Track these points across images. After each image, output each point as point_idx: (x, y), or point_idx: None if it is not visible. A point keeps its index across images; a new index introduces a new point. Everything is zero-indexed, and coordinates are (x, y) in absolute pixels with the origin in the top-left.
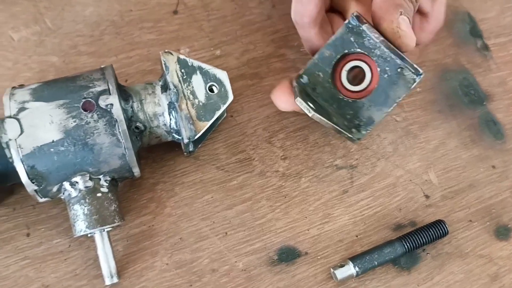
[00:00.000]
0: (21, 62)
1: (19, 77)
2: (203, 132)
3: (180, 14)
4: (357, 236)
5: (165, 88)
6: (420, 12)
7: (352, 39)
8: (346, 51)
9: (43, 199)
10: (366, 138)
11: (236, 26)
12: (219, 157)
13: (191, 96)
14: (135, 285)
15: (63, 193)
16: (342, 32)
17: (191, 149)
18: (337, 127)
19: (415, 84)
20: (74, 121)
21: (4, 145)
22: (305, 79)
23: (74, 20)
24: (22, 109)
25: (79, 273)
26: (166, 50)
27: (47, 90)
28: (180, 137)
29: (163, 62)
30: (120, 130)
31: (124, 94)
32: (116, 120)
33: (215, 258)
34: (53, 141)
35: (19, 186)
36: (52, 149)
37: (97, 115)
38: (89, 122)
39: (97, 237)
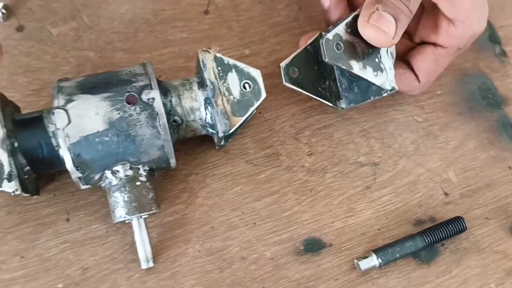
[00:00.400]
0: (60, 56)
1: (58, 70)
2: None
3: (210, 14)
4: (379, 230)
5: (201, 84)
6: (444, 17)
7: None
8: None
9: (85, 186)
10: (389, 137)
11: (264, 27)
12: (248, 151)
13: (226, 93)
14: (169, 269)
15: (104, 181)
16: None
17: (222, 143)
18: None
19: (384, 95)
20: (118, 113)
21: (51, 134)
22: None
23: (110, 18)
24: (69, 101)
25: (116, 257)
26: (204, 49)
27: (92, 83)
28: (214, 131)
29: (200, 60)
30: (160, 123)
31: (163, 89)
32: (157, 113)
33: (244, 246)
34: (98, 132)
35: (59, 173)
36: (97, 139)
37: (140, 108)
38: (132, 115)
39: (135, 223)
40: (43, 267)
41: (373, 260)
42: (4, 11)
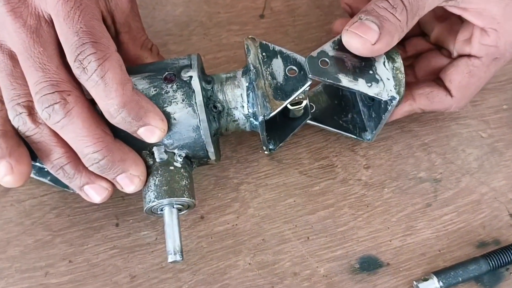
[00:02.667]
0: None
1: None
2: (285, 131)
3: (266, 18)
4: (439, 251)
5: (245, 71)
6: (477, 27)
7: None
8: None
9: None
10: (451, 152)
11: (321, 32)
12: (302, 161)
13: (269, 77)
14: (218, 282)
15: None
16: None
17: (271, 146)
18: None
19: (390, 109)
20: (155, 90)
21: None
22: None
23: (164, 19)
24: None
25: (164, 266)
26: (250, 36)
27: (138, 68)
28: (257, 123)
29: (245, 46)
30: (196, 101)
31: (207, 77)
32: (193, 90)
33: (296, 261)
34: None
35: None
36: None
37: (177, 85)
38: (168, 92)
39: (166, 211)
40: (91, 272)
41: (434, 283)
42: None
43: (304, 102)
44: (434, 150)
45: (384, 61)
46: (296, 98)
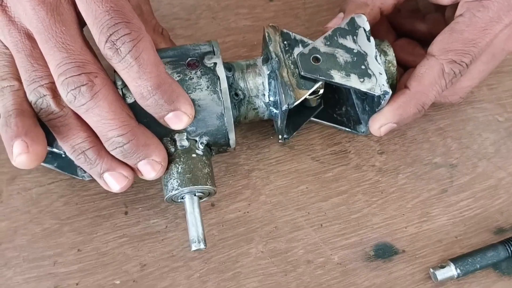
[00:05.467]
0: None
1: None
2: (298, 120)
3: (275, 1)
4: (456, 238)
5: (266, 59)
6: None
7: None
8: None
9: None
10: (467, 137)
11: (333, 15)
12: (314, 147)
13: (292, 66)
14: (230, 270)
15: None
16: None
17: (285, 136)
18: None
19: (383, 102)
20: (179, 76)
21: None
22: None
23: (171, 3)
24: None
25: (175, 254)
26: (270, 24)
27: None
28: (277, 111)
29: (266, 34)
30: (221, 88)
31: (227, 64)
32: (218, 77)
33: (310, 249)
34: None
35: None
36: None
37: (201, 72)
38: (192, 78)
39: (187, 200)
40: (100, 261)
41: (451, 270)
42: None
43: (321, 91)
44: (449, 135)
45: (376, 55)
46: (315, 87)
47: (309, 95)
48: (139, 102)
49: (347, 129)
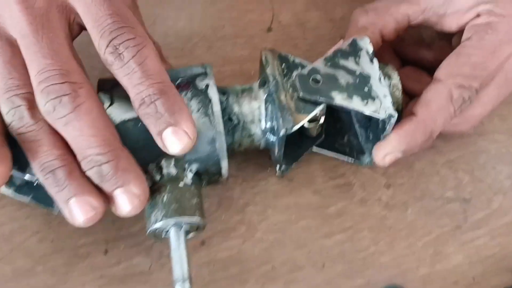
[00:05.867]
0: (108, 72)
1: None
2: (297, 152)
3: (274, 31)
4: (474, 279)
5: (263, 83)
6: None
7: None
8: None
9: None
10: (480, 170)
11: (334, 45)
12: (316, 180)
13: (290, 89)
14: None
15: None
16: None
17: (283, 167)
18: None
19: (388, 127)
20: None
21: None
22: None
23: (165, 33)
24: (115, 86)
25: None
26: (267, 47)
27: None
28: (274, 139)
29: (263, 57)
30: (213, 111)
31: (221, 89)
32: (210, 100)
33: None
34: None
35: None
36: (138, 125)
37: (191, 93)
38: None
39: (173, 234)
40: None
41: None
42: None
43: (322, 119)
44: (461, 168)
45: (380, 77)
46: (315, 114)
47: (309, 122)
48: (138, 111)
49: (350, 159)
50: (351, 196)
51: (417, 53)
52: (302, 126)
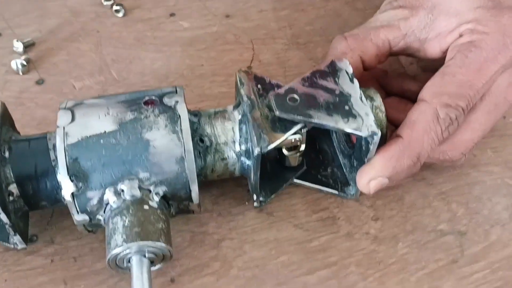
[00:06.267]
0: None
1: None
2: (277, 183)
3: (254, 69)
4: None
5: (237, 105)
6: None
7: None
8: None
9: (80, 216)
10: (475, 201)
11: None
12: (297, 214)
13: (266, 109)
14: None
15: (104, 209)
16: None
17: (261, 198)
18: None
19: (371, 148)
20: (133, 114)
21: (50, 146)
22: None
23: (142, 72)
24: (79, 104)
25: None
26: (243, 69)
27: (111, 95)
28: (250, 162)
29: (237, 78)
30: (181, 128)
31: (193, 111)
32: (179, 116)
33: None
34: (104, 132)
35: (60, 234)
36: (101, 141)
37: (159, 110)
38: (149, 116)
39: (135, 262)
40: None
41: None
42: (25, 63)
43: (302, 147)
44: (454, 200)
45: (361, 97)
46: (293, 140)
47: (289, 150)
48: None
49: (334, 191)
50: (336, 230)
51: (401, 85)
52: (282, 156)
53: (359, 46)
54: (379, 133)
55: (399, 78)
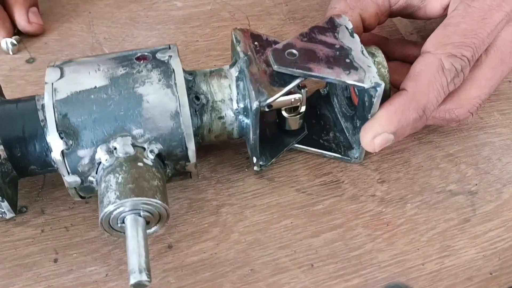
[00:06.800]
0: None
1: None
2: (277, 147)
3: None
4: (491, 274)
5: (234, 64)
6: None
7: None
8: None
9: (71, 177)
10: (485, 162)
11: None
12: (299, 179)
13: (264, 65)
14: None
15: (96, 170)
16: None
17: (261, 162)
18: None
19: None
20: (124, 69)
21: (39, 107)
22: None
23: (137, 45)
24: (67, 62)
25: None
26: (238, 28)
27: (103, 54)
28: (248, 121)
29: (233, 36)
30: (176, 82)
31: (188, 70)
32: (173, 70)
33: None
34: (95, 87)
35: (51, 204)
36: (92, 96)
37: (152, 65)
38: (141, 71)
39: (129, 221)
40: None
41: None
42: (15, 42)
43: (303, 109)
44: (463, 161)
45: (363, 50)
46: (293, 100)
47: (289, 113)
48: None
49: (337, 155)
50: (340, 193)
51: (403, 50)
52: (282, 119)
53: (358, 4)
54: (383, 84)
55: (400, 43)
